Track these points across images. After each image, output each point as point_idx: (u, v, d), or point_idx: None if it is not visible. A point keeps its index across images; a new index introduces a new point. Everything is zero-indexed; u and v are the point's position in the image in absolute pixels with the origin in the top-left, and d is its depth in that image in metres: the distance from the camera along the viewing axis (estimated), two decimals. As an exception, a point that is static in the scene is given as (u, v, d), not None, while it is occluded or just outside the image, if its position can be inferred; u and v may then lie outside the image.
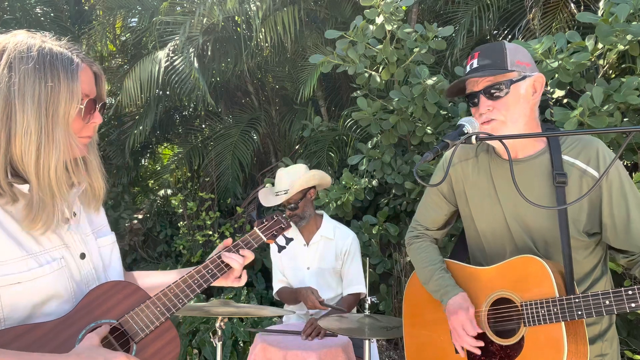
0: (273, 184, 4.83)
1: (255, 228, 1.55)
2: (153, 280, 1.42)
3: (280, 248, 1.64)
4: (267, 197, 2.89)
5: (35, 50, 1.07)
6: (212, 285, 1.38)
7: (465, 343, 1.61)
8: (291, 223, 1.68)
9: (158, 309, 1.21)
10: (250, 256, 1.43)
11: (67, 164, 1.13)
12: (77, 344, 1.09)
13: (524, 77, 1.54)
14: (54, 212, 1.10)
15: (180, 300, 1.25)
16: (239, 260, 1.39)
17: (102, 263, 1.26)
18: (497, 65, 1.54)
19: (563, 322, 1.43)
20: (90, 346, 1.05)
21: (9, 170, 1.07)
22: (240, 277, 1.43)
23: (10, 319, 1.06)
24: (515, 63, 1.54)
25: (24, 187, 1.08)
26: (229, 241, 1.46)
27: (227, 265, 1.38)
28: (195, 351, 3.73)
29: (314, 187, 2.86)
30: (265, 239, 1.53)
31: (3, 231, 1.06)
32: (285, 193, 2.75)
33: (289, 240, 1.65)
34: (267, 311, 2.49)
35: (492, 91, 1.54)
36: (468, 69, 1.61)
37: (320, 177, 2.85)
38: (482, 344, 1.60)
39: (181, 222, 5.93)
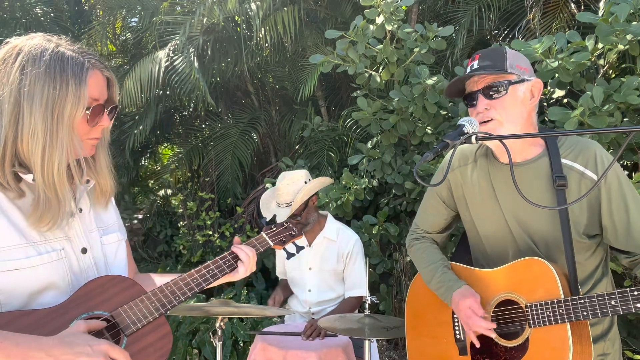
0: (273, 184, 4.84)
1: (262, 232, 1.57)
2: (165, 280, 1.42)
3: (290, 255, 1.64)
4: (269, 206, 2.86)
5: (48, 54, 1.12)
6: (212, 285, 1.38)
7: (477, 326, 1.58)
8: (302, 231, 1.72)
9: (153, 304, 1.21)
10: (251, 255, 1.44)
11: (70, 164, 1.17)
12: None
13: (522, 80, 1.56)
14: (60, 209, 1.15)
15: (177, 297, 1.25)
16: (248, 253, 1.42)
17: (104, 259, 1.28)
18: (497, 66, 1.56)
19: (568, 323, 1.43)
20: (75, 332, 1.07)
21: (15, 163, 1.13)
22: (238, 271, 1.43)
23: (7, 305, 1.10)
24: (514, 66, 1.57)
25: (28, 177, 1.13)
26: (237, 240, 1.49)
27: (229, 266, 1.39)
28: (195, 351, 3.73)
29: (315, 193, 2.86)
30: (272, 244, 1.55)
31: (6, 219, 1.11)
32: (288, 206, 2.73)
33: (299, 248, 1.67)
34: (268, 311, 2.49)
35: (491, 92, 1.56)
36: (468, 70, 1.63)
37: (320, 184, 2.84)
38: (494, 325, 1.58)
39: (181, 222, 5.93)
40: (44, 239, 1.15)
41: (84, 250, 1.23)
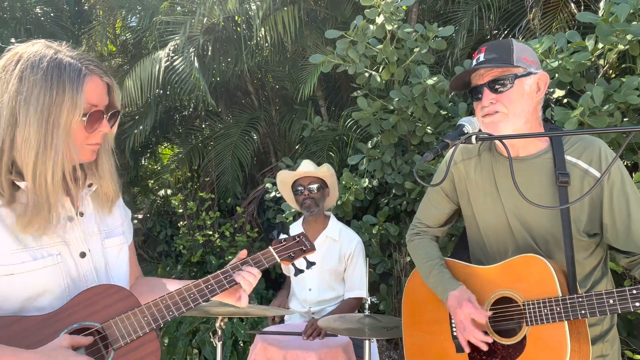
0: (273, 184, 4.84)
1: (270, 247, 1.46)
2: (174, 287, 1.36)
3: (298, 272, 1.50)
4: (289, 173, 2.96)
5: (46, 61, 1.12)
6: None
7: (472, 337, 1.58)
8: (314, 246, 1.55)
9: (145, 318, 1.19)
10: (256, 275, 1.38)
11: (66, 170, 1.16)
12: None
13: (528, 74, 1.55)
14: (50, 215, 1.14)
15: (171, 313, 1.23)
16: (250, 280, 1.35)
17: (105, 264, 1.27)
18: (503, 59, 1.55)
19: (566, 322, 1.43)
20: (56, 347, 1.06)
21: (13, 170, 1.13)
22: (241, 298, 1.37)
23: (1, 309, 1.10)
24: (521, 59, 1.55)
25: (23, 184, 1.13)
26: (244, 253, 1.42)
27: (230, 282, 1.34)
28: (195, 351, 3.73)
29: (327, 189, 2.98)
30: (278, 260, 1.44)
31: (1, 224, 1.11)
32: (315, 168, 2.90)
33: (310, 264, 1.51)
34: (268, 311, 2.49)
35: (496, 86, 1.55)
36: (474, 62, 1.61)
37: (335, 189, 3.00)
38: (491, 340, 1.57)
39: (181, 222, 5.92)
40: (40, 244, 1.14)
41: (83, 255, 1.21)
